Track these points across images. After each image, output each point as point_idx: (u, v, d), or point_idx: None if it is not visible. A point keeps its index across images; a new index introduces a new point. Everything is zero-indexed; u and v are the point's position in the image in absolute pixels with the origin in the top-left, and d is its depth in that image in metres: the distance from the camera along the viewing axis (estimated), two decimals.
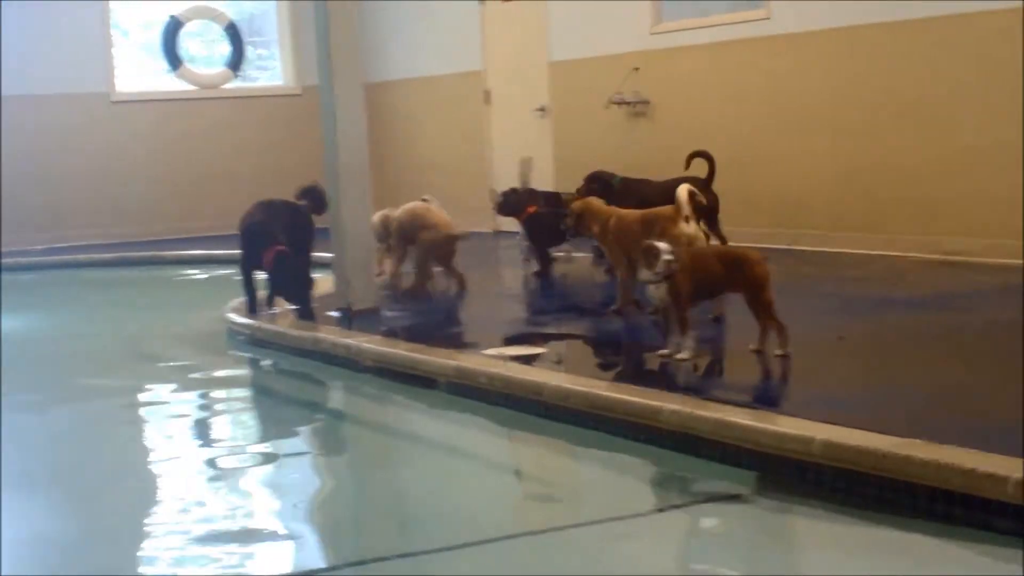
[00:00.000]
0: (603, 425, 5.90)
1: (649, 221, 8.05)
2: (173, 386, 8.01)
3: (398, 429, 6.99)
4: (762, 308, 6.57)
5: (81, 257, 14.49)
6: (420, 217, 9.83)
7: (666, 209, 8.00)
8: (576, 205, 8.71)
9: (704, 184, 9.48)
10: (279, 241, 8.94)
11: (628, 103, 12.83)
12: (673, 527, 5.02)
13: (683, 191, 7.93)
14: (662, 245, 6.54)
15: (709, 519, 5.05)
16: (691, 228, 7.88)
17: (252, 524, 5.22)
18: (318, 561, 4.77)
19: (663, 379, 6.41)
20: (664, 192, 8.70)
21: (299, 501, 5.64)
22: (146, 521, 5.25)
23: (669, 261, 6.44)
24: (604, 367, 7.29)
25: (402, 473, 6.03)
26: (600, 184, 10.39)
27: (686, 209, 7.85)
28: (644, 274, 6.60)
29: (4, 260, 14.31)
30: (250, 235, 9.10)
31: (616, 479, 5.59)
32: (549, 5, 13.79)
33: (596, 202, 8.72)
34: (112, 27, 16.06)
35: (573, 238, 9.65)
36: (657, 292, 6.60)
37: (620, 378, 6.39)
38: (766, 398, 5.77)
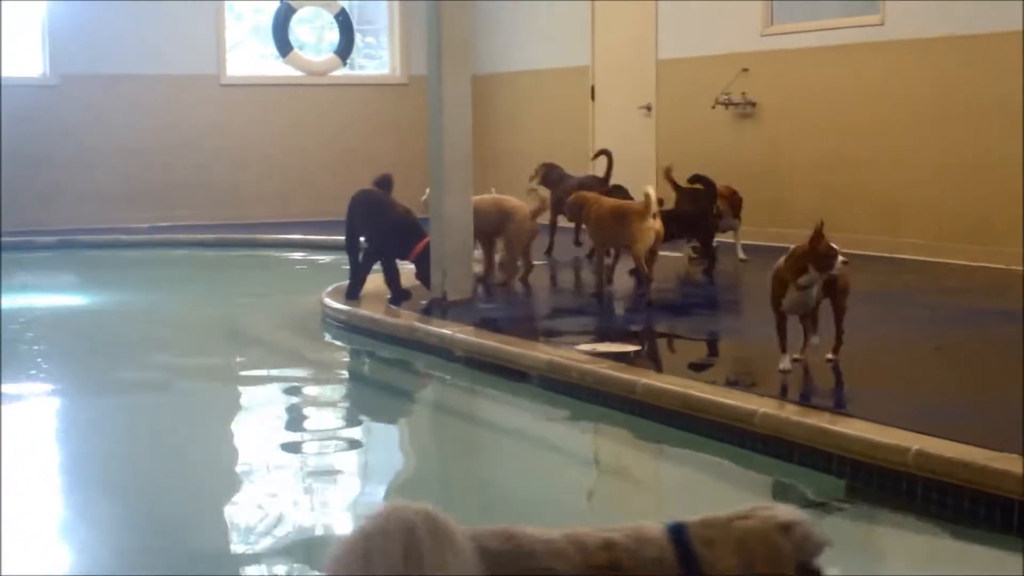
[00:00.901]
0: (694, 425, 5.85)
1: (621, 213, 9.01)
2: (265, 368, 8.08)
3: (486, 419, 7.00)
4: (842, 315, 6.45)
5: (183, 237, 14.64)
6: (508, 208, 9.79)
7: (637, 204, 9.01)
8: (573, 197, 9.67)
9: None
10: (424, 232, 9.09)
11: (735, 104, 12.73)
12: None
13: (651, 190, 8.83)
14: (835, 247, 6.18)
15: None
16: (657, 224, 8.80)
17: (335, 509, 5.24)
18: None
19: (756, 382, 6.35)
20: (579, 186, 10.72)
21: (383, 486, 5.66)
22: (232, 501, 5.29)
23: (846, 262, 6.17)
24: (697, 367, 7.23)
25: (488, 463, 6.04)
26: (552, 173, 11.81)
27: (654, 206, 8.71)
28: (809, 276, 6.14)
29: (108, 236, 14.50)
30: (403, 226, 9.17)
31: (704, 480, 5.56)
32: (659, 2, 13.71)
33: (590, 194, 9.64)
34: (227, 10, 16.21)
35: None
36: (807, 297, 6.25)
37: (713, 379, 6.32)
38: (858, 405, 5.69)
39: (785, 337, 6.25)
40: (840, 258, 6.10)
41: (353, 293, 9.20)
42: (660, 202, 9.07)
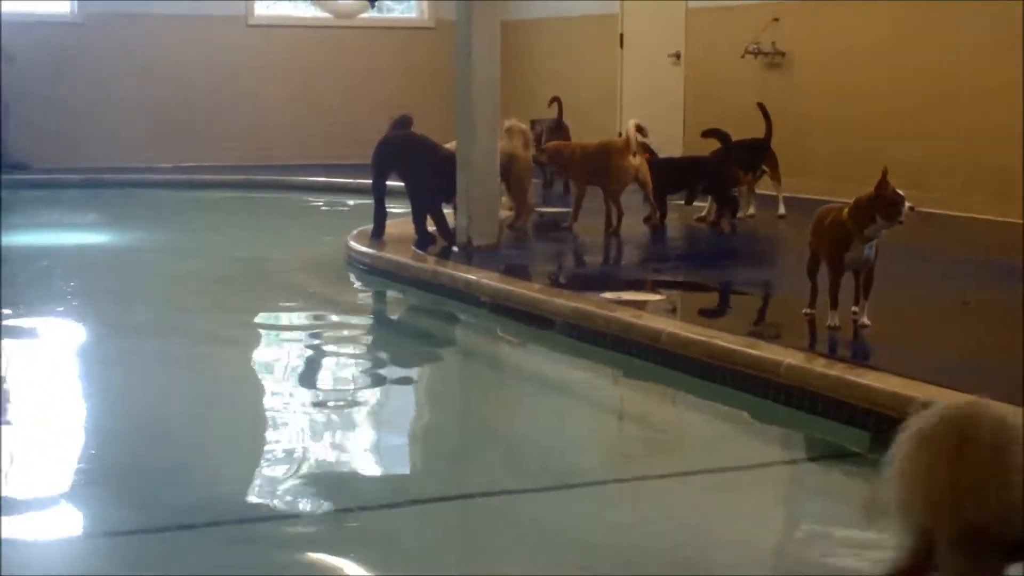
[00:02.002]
0: (719, 375, 5.84)
1: (606, 151, 9.75)
2: (289, 309, 8.09)
3: (510, 365, 7.01)
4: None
5: (208, 178, 14.65)
6: (509, 152, 9.73)
7: (618, 141, 9.84)
8: (550, 146, 10.34)
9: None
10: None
11: (764, 53, 12.66)
12: (781, 482, 4.99)
13: (631, 126, 9.55)
14: (902, 193, 6.00)
15: (818, 476, 5.00)
16: (637, 160, 9.56)
17: (359, 452, 5.26)
18: (424, 492, 4.78)
19: (781, 333, 6.33)
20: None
21: (406, 431, 5.67)
22: (254, 443, 5.30)
23: (912, 208, 6.01)
24: (722, 317, 7.22)
25: (512, 410, 6.05)
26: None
27: (634, 143, 9.44)
28: (876, 226, 5.96)
29: (133, 176, 14.51)
30: (451, 168, 9.14)
31: (728, 430, 5.56)
32: None
33: (564, 143, 10.39)
34: None
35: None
36: (870, 251, 6.08)
37: (738, 329, 6.31)
38: (884, 359, 5.67)
39: (838, 292, 6.13)
40: (907, 205, 5.95)
41: (377, 234, 9.22)
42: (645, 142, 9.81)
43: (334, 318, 7.95)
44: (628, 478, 4.94)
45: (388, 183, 9.47)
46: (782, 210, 10.50)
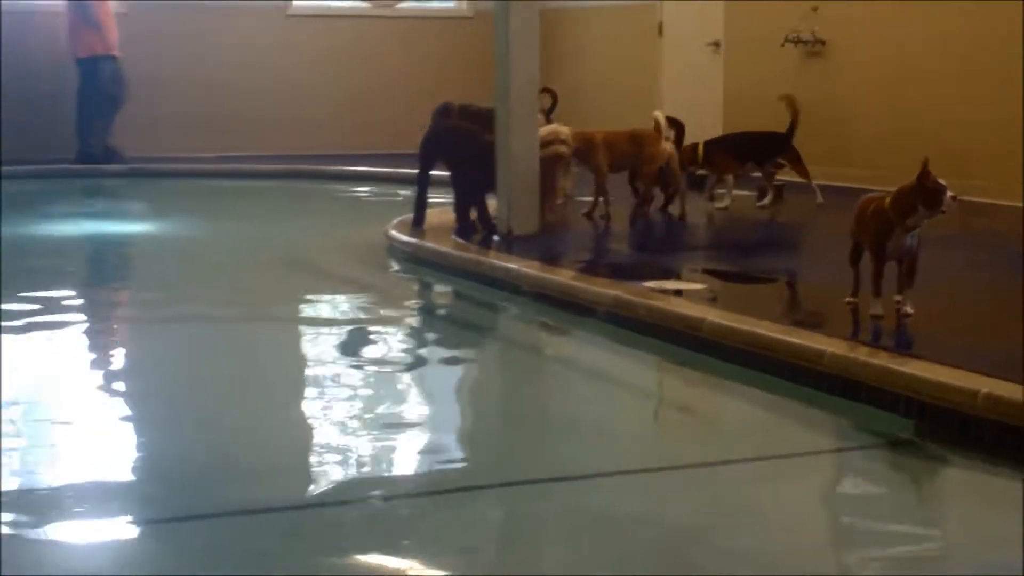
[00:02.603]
0: (760, 364, 5.83)
1: (636, 139, 9.85)
2: (331, 298, 8.12)
3: (552, 354, 7.03)
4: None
5: (249, 167, 14.69)
6: (644, 136, 9.84)
7: (649, 129, 9.82)
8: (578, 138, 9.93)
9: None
10: None
11: (804, 42, 12.62)
12: (825, 470, 4.99)
13: (660, 115, 9.81)
14: (944, 183, 6.00)
15: (861, 464, 5.00)
16: (669, 147, 9.82)
17: (403, 439, 5.27)
18: (467, 480, 4.80)
19: (824, 322, 6.33)
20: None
21: (448, 420, 5.69)
22: (299, 431, 5.33)
23: (954, 197, 5.98)
24: (764, 305, 7.21)
25: (553, 398, 6.06)
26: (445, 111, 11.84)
27: (666, 130, 9.70)
28: (918, 216, 5.95)
29: (175, 166, 14.57)
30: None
31: (770, 419, 5.55)
32: None
33: (593, 131, 10.05)
34: None
35: None
36: (912, 239, 6.06)
37: (779, 318, 6.30)
38: (927, 348, 5.65)
39: (881, 281, 6.12)
40: (949, 194, 5.94)
41: (418, 223, 9.30)
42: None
43: (376, 306, 7.98)
44: (671, 466, 4.94)
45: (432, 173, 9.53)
46: (820, 198, 10.48)
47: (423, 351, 6.95)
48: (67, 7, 14.50)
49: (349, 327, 7.42)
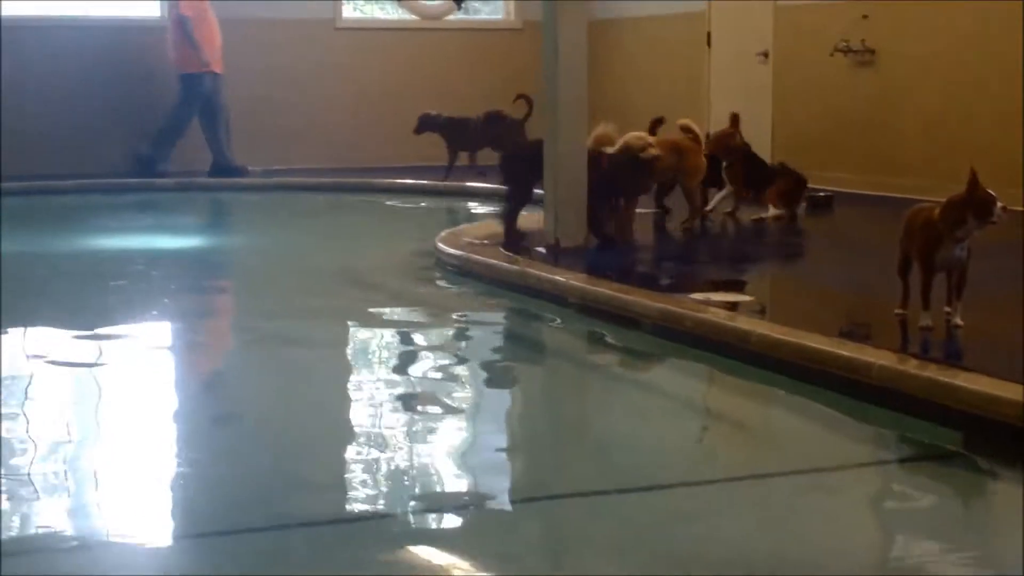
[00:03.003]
0: (809, 376, 5.81)
1: (677, 150, 9.89)
2: (379, 310, 8.14)
3: (599, 367, 7.01)
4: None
5: (298, 180, 14.76)
6: (685, 147, 9.86)
7: (687, 139, 9.98)
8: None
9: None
10: None
11: (853, 51, 12.55)
12: (874, 482, 4.96)
13: (691, 122, 10.06)
14: (993, 194, 5.94)
15: (911, 477, 4.97)
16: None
17: (450, 451, 5.27)
18: (513, 492, 4.80)
19: (873, 333, 6.29)
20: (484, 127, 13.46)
21: (496, 432, 5.69)
22: (349, 444, 5.35)
23: (1004, 208, 5.94)
24: (811, 317, 7.17)
25: (600, 410, 6.05)
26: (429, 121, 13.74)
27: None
28: (967, 227, 5.90)
29: (225, 180, 14.65)
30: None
31: (819, 431, 5.53)
32: None
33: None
34: None
35: None
36: (962, 251, 6.02)
37: (827, 329, 6.27)
38: (977, 360, 5.61)
39: (930, 293, 6.07)
40: (999, 204, 5.89)
41: (513, 242, 9.21)
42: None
43: (422, 318, 7.99)
44: (720, 479, 4.92)
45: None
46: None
47: (470, 364, 6.94)
48: (171, 23, 14.63)
49: (397, 340, 7.43)
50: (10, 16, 15.07)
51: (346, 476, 4.89)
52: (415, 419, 5.70)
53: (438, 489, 4.80)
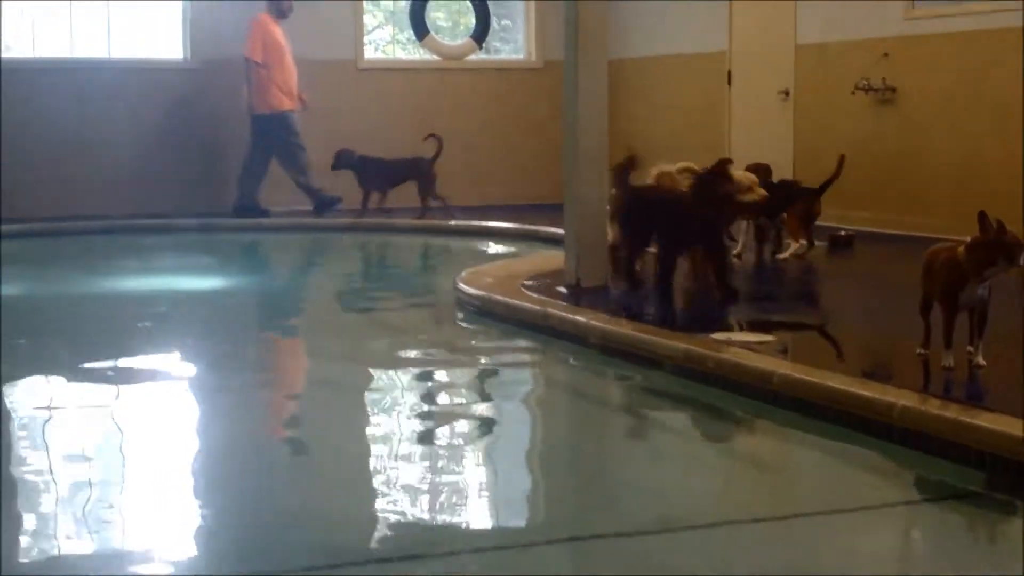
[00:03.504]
0: (831, 416, 5.80)
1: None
2: (399, 350, 8.14)
3: (619, 406, 7.00)
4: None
5: (320, 220, 14.79)
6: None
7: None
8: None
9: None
10: None
11: (874, 90, 12.56)
12: (898, 523, 4.94)
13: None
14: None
15: (933, 517, 4.95)
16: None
17: (470, 493, 5.27)
18: (533, 534, 4.79)
19: (896, 373, 6.28)
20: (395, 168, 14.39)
21: (516, 472, 5.68)
22: (369, 486, 5.35)
23: None
24: (832, 357, 7.16)
25: (622, 451, 6.04)
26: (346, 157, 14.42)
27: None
28: (996, 268, 5.89)
29: (248, 221, 14.69)
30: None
31: (842, 471, 5.51)
32: None
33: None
34: None
35: None
36: (984, 290, 6.02)
37: (851, 370, 6.26)
38: (1000, 400, 5.59)
39: (952, 333, 6.07)
40: None
41: (634, 284, 8.85)
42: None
43: (445, 359, 7.99)
44: (743, 519, 4.90)
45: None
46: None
47: (492, 404, 6.95)
48: (245, 64, 14.74)
49: (416, 381, 7.43)
50: (33, 58, 15.20)
51: (365, 517, 4.88)
52: (432, 460, 5.70)
53: (461, 529, 4.80)
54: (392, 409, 6.85)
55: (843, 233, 11.31)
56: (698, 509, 5.03)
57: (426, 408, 6.80)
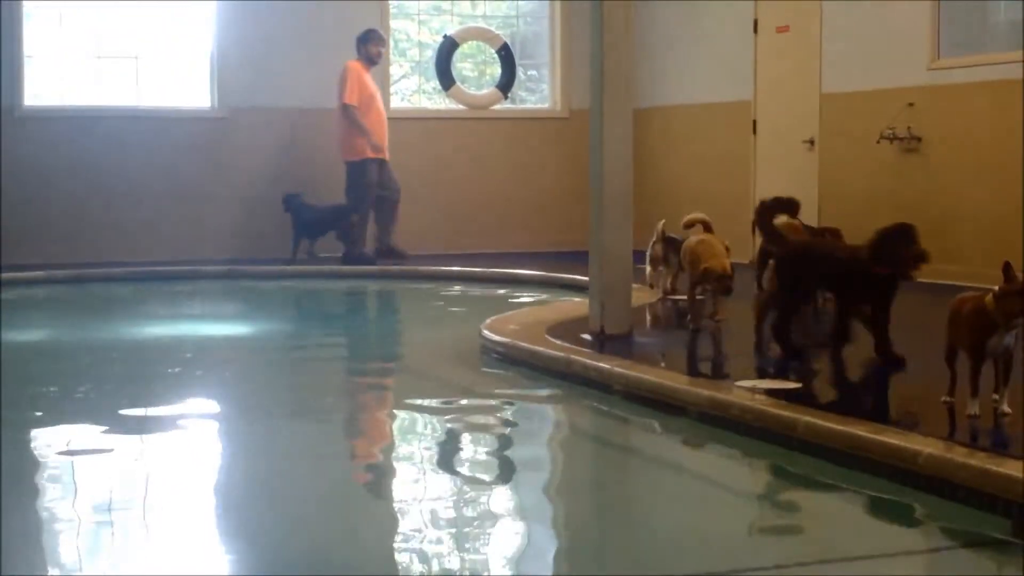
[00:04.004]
0: (856, 463, 5.78)
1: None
2: (423, 398, 8.15)
3: (643, 453, 6.99)
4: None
5: (345, 269, 14.83)
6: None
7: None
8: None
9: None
10: None
11: (899, 139, 12.57)
12: (922, 570, 4.91)
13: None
14: None
15: (959, 565, 4.91)
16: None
17: (492, 540, 5.26)
18: None
19: (921, 421, 6.26)
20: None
21: (539, 519, 5.67)
22: (390, 534, 5.35)
23: None
24: (858, 404, 7.13)
25: (645, 497, 6.02)
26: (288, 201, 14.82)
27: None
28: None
29: (269, 268, 14.73)
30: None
31: (867, 518, 5.49)
32: (824, 35, 13.61)
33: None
34: (391, 46, 16.45)
35: None
36: (1010, 340, 6.01)
37: (873, 417, 6.24)
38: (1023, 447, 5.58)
39: (978, 380, 6.05)
40: None
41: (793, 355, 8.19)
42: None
43: (468, 406, 7.99)
44: (768, 567, 4.88)
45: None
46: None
47: (509, 451, 6.94)
48: (337, 111, 14.84)
49: (438, 428, 7.43)
50: (59, 106, 15.33)
51: (392, 559, 4.89)
52: (454, 506, 5.69)
53: (484, 574, 4.79)
54: (412, 456, 6.86)
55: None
56: (723, 556, 5.01)
57: (447, 455, 6.80)
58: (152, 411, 7.63)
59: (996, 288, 5.99)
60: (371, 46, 15.04)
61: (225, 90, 15.73)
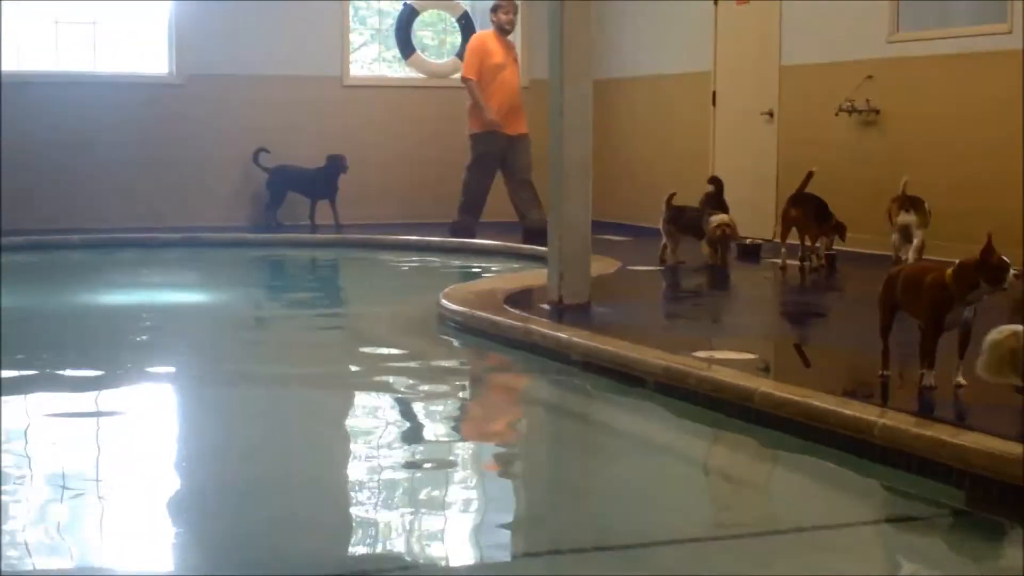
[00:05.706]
0: (811, 434, 5.80)
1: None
2: (381, 366, 8.14)
3: (601, 424, 7.00)
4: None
5: (304, 237, 14.80)
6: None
7: None
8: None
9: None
10: None
11: (858, 111, 12.60)
12: (876, 540, 4.94)
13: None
14: (1007, 260, 5.91)
15: (913, 535, 4.95)
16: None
17: (450, 509, 5.26)
18: (514, 549, 4.78)
19: (873, 392, 6.29)
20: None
21: (495, 489, 5.68)
22: (347, 502, 5.34)
23: (1017, 275, 5.93)
24: (813, 375, 7.16)
25: (601, 467, 6.03)
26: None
27: None
28: (980, 291, 5.88)
29: (232, 235, 14.66)
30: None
31: (822, 489, 5.52)
32: (784, 7, 13.61)
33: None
34: (350, 13, 16.37)
35: None
36: (969, 313, 6.00)
37: (829, 387, 6.26)
38: (980, 419, 5.60)
39: (934, 353, 6.08)
40: (1012, 272, 5.88)
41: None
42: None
43: (426, 375, 7.98)
44: (723, 536, 4.91)
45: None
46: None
47: (467, 421, 6.95)
48: (467, 85, 14.67)
49: (396, 397, 7.41)
50: (21, 71, 15.18)
51: (346, 533, 4.88)
52: (412, 476, 5.68)
53: (438, 544, 4.79)
54: (372, 425, 6.85)
55: (748, 242, 12.14)
56: (676, 524, 5.02)
57: (405, 424, 6.80)
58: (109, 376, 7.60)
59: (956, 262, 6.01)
60: (500, 13, 14.74)
61: (184, 57, 15.60)
